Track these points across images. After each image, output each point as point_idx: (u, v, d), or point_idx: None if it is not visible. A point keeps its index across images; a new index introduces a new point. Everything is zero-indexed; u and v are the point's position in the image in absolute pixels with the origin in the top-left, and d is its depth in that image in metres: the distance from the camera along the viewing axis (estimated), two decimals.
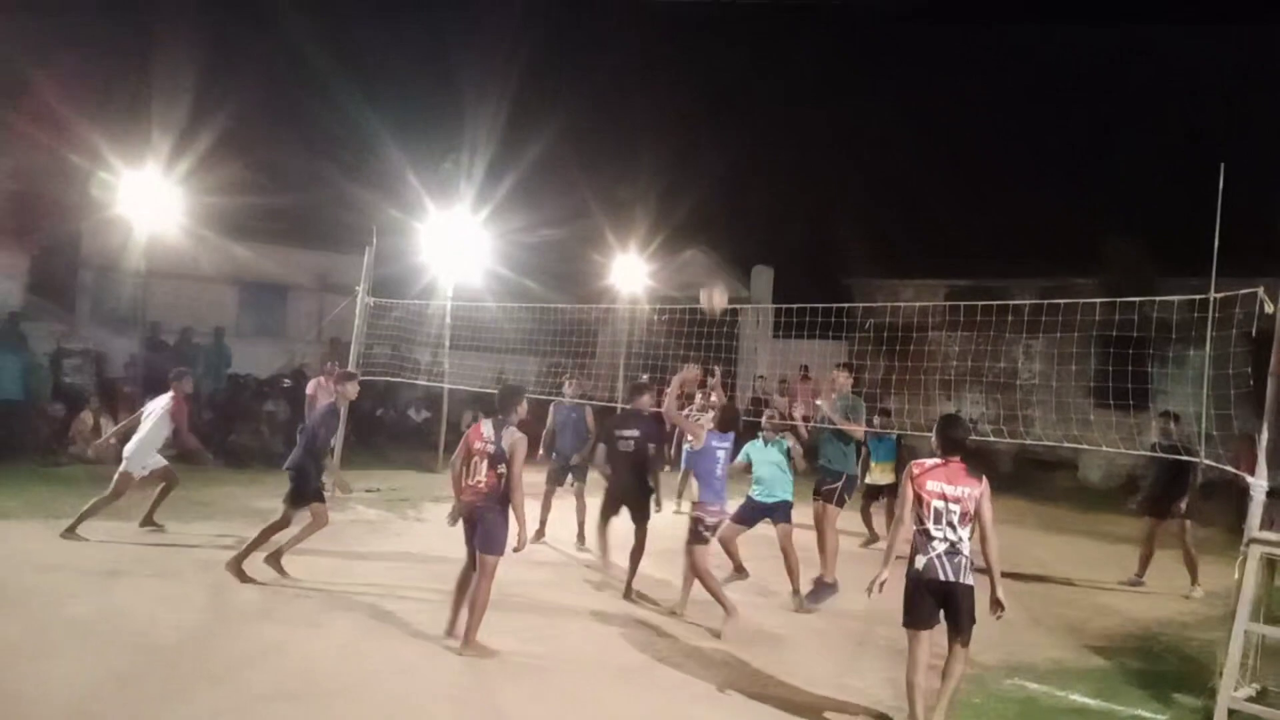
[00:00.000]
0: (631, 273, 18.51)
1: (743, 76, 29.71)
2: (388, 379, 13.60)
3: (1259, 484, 5.98)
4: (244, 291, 19.98)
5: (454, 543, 6.91)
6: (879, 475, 11.24)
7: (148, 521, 9.56)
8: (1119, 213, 20.33)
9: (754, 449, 8.62)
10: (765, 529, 8.46)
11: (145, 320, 16.26)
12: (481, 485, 6.57)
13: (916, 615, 5.55)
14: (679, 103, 27.80)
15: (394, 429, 17.94)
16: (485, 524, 6.59)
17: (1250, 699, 5.96)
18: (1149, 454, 10.05)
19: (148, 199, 12.96)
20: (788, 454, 8.49)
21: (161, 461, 9.64)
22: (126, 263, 15.24)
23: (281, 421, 15.74)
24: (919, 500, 5.56)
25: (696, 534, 7.70)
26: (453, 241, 14.52)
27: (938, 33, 28.13)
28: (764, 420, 8.87)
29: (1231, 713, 5.82)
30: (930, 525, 5.50)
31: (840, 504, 8.62)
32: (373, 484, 12.86)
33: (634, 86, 27.97)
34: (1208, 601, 9.29)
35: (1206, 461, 7.18)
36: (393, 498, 12.40)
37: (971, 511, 5.52)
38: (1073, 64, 26.96)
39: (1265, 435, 5.99)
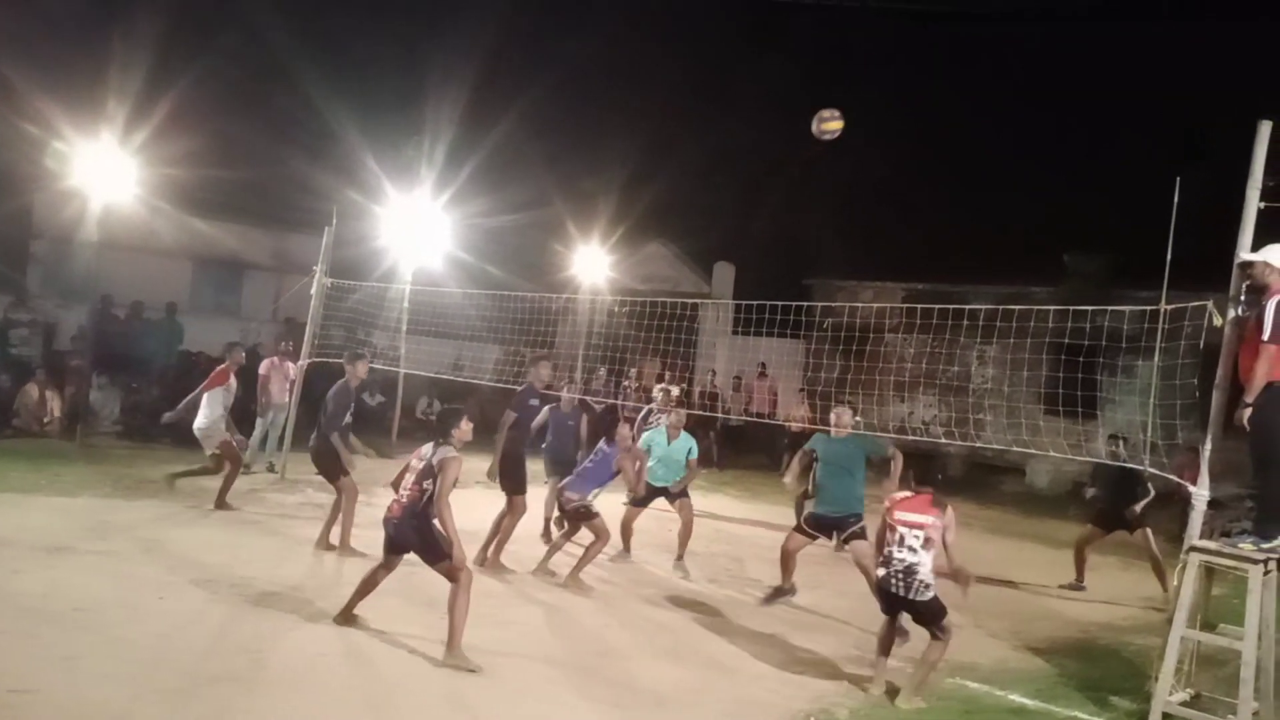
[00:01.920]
0: (593, 264, 18.47)
1: (711, 73, 29.70)
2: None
3: (1201, 494, 6.11)
4: (199, 267, 19.63)
5: None
6: None
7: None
8: (1080, 223, 20.60)
9: (657, 440, 9.46)
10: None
11: (97, 293, 15.92)
12: (404, 499, 6.41)
13: (883, 606, 6.47)
14: (646, 96, 27.80)
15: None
16: (418, 543, 6.34)
17: (1184, 703, 6.09)
18: (1094, 459, 10.21)
19: (103, 170, 12.70)
20: (687, 455, 9.41)
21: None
22: (80, 234, 14.91)
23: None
24: (889, 527, 6.30)
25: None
26: (414, 225, 14.40)
27: (902, 36, 28.38)
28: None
29: (1166, 716, 5.94)
30: (894, 548, 6.22)
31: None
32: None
33: (601, 77, 27.93)
34: (1146, 607, 9.46)
35: (1151, 470, 7.32)
36: None
37: (936, 539, 6.18)
38: (1037, 70, 27.32)
39: (1209, 446, 6.12)
